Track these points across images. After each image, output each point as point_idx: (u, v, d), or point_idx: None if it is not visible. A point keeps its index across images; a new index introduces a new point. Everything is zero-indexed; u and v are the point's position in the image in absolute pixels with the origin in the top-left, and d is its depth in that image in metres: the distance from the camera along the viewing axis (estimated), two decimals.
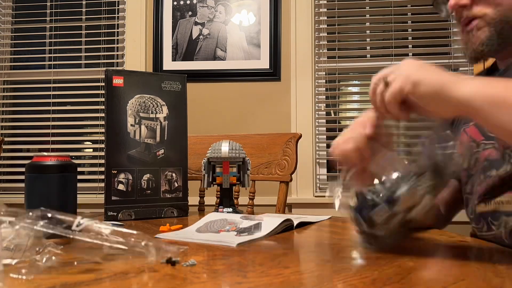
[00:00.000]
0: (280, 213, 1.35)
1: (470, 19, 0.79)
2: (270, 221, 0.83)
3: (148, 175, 1.08)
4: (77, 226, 0.55)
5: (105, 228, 0.57)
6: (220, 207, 1.10)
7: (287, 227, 0.84)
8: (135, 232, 0.57)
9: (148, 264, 0.54)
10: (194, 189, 1.21)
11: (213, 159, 1.10)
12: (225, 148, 1.09)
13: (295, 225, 0.86)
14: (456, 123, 0.93)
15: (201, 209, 1.42)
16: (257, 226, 0.81)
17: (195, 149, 1.46)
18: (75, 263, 0.55)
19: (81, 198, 1.11)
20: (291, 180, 1.39)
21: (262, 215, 0.95)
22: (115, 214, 1.03)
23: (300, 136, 1.42)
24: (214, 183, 1.12)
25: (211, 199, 1.46)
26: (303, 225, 0.90)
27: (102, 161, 2.24)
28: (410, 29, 2.25)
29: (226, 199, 1.11)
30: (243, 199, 1.44)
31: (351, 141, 0.66)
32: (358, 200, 0.60)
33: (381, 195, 0.57)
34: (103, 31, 2.38)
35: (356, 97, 2.38)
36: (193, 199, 1.14)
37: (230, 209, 1.09)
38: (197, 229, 0.83)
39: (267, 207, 1.72)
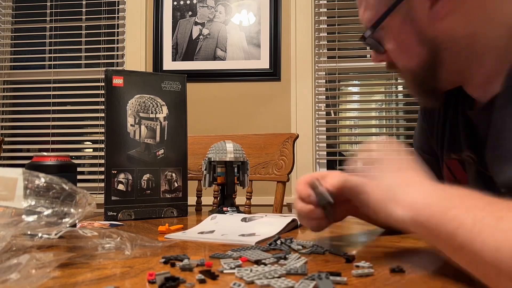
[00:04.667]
0: (278, 213, 1.35)
1: (397, 71, 0.72)
2: (277, 221, 0.84)
3: (148, 175, 1.08)
4: (55, 234, 0.56)
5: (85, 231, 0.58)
6: (222, 206, 1.10)
7: (292, 226, 0.85)
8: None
9: (147, 264, 0.54)
10: (192, 189, 1.21)
11: (215, 159, 1.10)
12: (229, 148, 1.10)
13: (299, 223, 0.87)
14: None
15: (199, 209, 1.42)
16: (267, 225, 0.82)
17: (193, 149, 1.46)
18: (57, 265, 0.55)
19: None
20: (288, 180, 1.39)
21: (263, 214, 0.95)
22: (115, 214, 1.03)
23: (297, 137, 1.42)
24: (214, 182, 1.12)
25: (208, 199, 1.46)
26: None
27: (102, 161, 2.25)
28: None
29: (228, 199, 1.11)
30: (240, 199, 1.44)
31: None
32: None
33: None
34: (103, 31, 2.39)
35: (356, 97, 2.38)
36: (190, 199, 1.14)
37: (234, 208, 1.09)
38: (209, 231, 0.82)
39: (264, 207, 1.73)
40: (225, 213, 1.04)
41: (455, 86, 0.71)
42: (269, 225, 0.83)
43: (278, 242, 0.66)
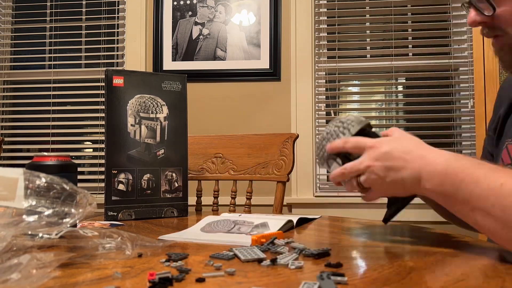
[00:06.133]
0: (278, 213, 1.35)
1: (494, 35, 0.74)
2: (274, 221, 0.84)
3: (148, 175, 1.08)
4: (56, 234, 0.56)
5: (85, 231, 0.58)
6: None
7: (288, 227, 0.85)
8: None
9: (148, 264, 0.55)
10: (192, 189, 1.21)
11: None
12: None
13: (294, 223, 0.87)
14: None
15: (199, 209, 1.42)
16: (264, 225, 0.82)
17: (193, 149, 1.46)
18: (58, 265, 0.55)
19: None
20: (288, 180, 1.39)
21: (259, 215, 0.95)
22: (115, 214, 1.03)
23: (297, 137, 1.43)
24: None
25: (209, 199, 1.46)
26: (301, 223, 0.91)
27: (102, 161, 2.25)
28: (410, 29, 2.25)
29: None
30: (240, 199, 1.44)
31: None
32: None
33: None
34: (103, 31, 2.39)
35: (356, 97, 2.38)
36: (190, 199, 1.14)
37: None
38: (201, 229, 0.83)
39: (264, 207, 1.73)
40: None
41: None
42: (265, 226, 0.82)
43: (275, 242, 0.66)
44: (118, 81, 1.06)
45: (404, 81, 2.25)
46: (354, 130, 0.72)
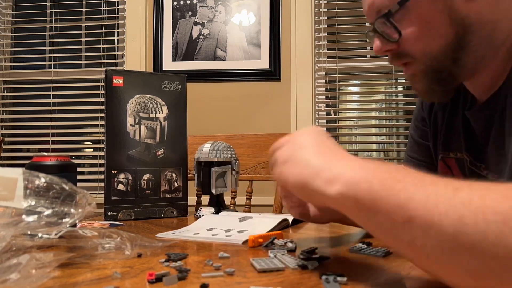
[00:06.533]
0: (278, 213, 1.35)
1: (403, 63, 0.68)
2: (267, 220, 0.84)
3: (148, 175, 1.08)
4: (55, 234, 0.56)
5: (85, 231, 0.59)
6: (201, 207, 1.09)
7: (283, 226, 0.85)
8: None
9: (147, 264, 0.55)
10: (192, 189, 1.21)
11: (199, 160, 1.09)
12: (206, 148, 1.08)
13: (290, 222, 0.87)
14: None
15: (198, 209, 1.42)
16: (257, 224, 0.82)
17: (193, 149, 1.46)
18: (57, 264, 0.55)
19: None
20: None
21: (253, 214, 0.95)
22: (115, 214, 1.03)
23: None
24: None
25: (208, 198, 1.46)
26: (297, 222, 0.91)
27: (102, 161, 2.25)
28: None
29: (211, 200, 1.10)
30: (240, 199, 1.44)
31: None
32: None
33: None
34: (103, 31, 2.39)
35: (356, 97, 2.38)
36: (190, 199, 1.14)
37: (212, 210, 1.06)
38: (196, 229, 0.83)
39: (264, 207, 1.73)
40: (201, 215, 1.02)
41: (464, 80, 0.70)
42: (259, 224, 0.82)
43: (274, 242, 0.66)
44: (118, 81, 1.06)
45: (404, 81, 2.25)
46: None
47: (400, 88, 2.32)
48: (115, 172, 1.04)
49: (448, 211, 0.36)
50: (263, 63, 2.21)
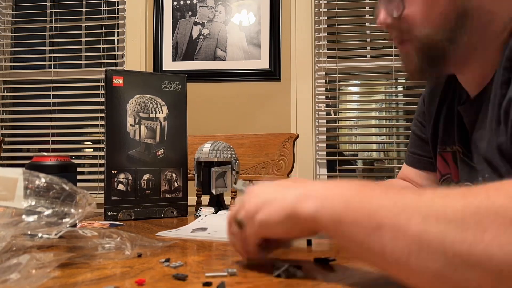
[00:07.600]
0: None
1: (401, 39, 0.70)
2: None
3: (148, 175, 1.08)
4: (55, 234, 0.56)
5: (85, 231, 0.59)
6: (201, 207, 1.08)
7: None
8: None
9: (147, 264, 0.55)
10: (192, 189, 1.21)
11: (199, 160, 1.09)
12: (206, 148, 1.08)
13: None
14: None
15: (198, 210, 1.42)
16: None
17: (193, 149, 1.46)
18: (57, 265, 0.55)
19: None
20: None
21: None
22: (115, 214, 1.03)
23: (297, 137, 1.42)
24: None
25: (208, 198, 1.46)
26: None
27: (102, 161, 2.25)
28: None
29: (211, 200, 1.10)
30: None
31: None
32: None
33: None
34: (103, 31, 2.39)
35: (356, 97, 2.38)
36: (190, 199, 1.14)
37: (213, 210, 1.06)
38: (195, 228, 0.83)
39: None
40: (201, 215, 1.02)
41: (455, 68, 0.72)
42: None
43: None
44: (118, 81, 1.06)
45: (404, 81, 2.25)
46: None
47: (400, 88, 2.32)
48: (115, 172, 1.04)
49: (414, 213, 0.37)
50: (263, 63, 2.21)
